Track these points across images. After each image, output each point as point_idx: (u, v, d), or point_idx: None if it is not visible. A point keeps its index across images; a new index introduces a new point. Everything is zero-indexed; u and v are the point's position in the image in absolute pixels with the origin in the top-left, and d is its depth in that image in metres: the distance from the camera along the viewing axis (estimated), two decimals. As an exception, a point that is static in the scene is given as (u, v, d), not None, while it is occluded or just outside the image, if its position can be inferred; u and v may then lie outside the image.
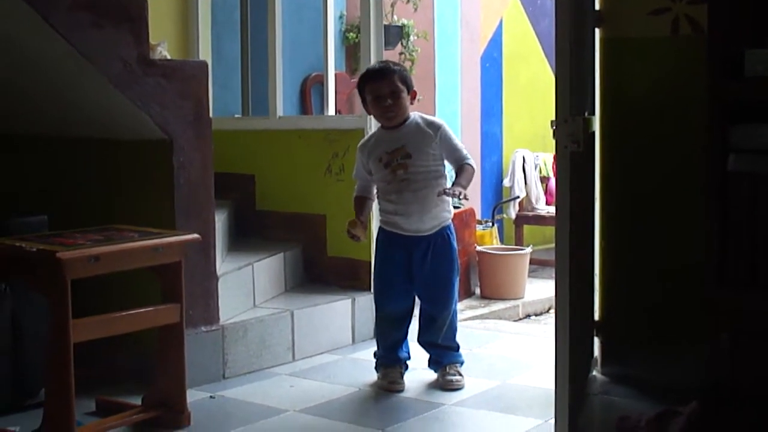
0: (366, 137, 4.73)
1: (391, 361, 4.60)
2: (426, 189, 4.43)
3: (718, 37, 3.35)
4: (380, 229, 4.62)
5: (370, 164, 4.52)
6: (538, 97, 9.25)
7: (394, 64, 4.62)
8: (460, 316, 6.52)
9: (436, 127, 4.46)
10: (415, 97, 4.54)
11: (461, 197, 4.37)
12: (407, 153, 4.41)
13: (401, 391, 4.51)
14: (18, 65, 4.35)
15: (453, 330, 4.62)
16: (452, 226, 4.58)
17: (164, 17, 6.28)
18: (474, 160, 4.49)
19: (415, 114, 4.51)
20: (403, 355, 4.63)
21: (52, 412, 3.60)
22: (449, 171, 4.52)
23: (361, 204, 4.63)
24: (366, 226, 4.60)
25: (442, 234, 4.53)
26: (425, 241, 4.49)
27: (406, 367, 4.64)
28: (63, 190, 4.85)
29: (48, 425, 3.60)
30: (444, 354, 4.62)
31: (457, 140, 4.55)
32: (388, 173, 4.45)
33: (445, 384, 4.51)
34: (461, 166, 4.45)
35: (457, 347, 4.65)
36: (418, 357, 4.69)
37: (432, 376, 4.66)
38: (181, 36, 6.50)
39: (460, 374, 4.56)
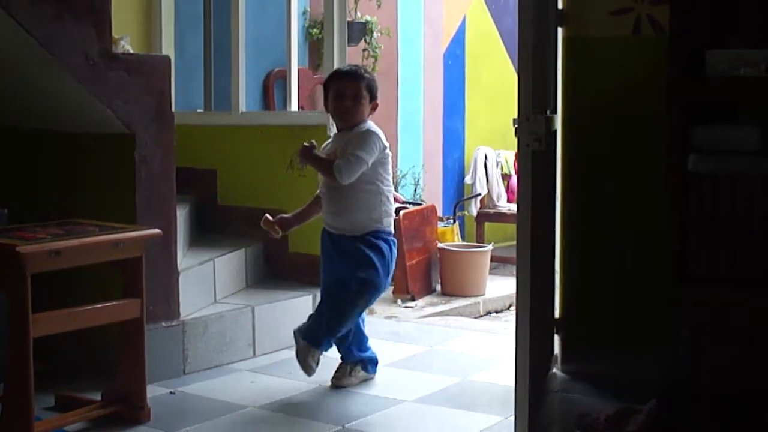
0: (328, 138, 4.73)
1: (339, 349, 4.67)
2: (347, 192, 4.42)
3: (679, 37, 3.37)
4: None
5: None
6: (500, 94, 9.28)
7: (366, 72, 4.60)
8: (420, 312, 6.56)
9: (367, 132, 4.44)
10: (375, 109, 4.55)
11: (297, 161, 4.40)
12: (337, 156, 4.42)
13: (337, 386, 4.57)
14: (-22, 57, 4.32)
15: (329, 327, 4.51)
16: (387, 234, 4.51)
17: (127, 11, 6.26)
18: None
19: (366, 123, 4.50)
20: (349, 345, 4.64)
21: (11, 406, 3.59)
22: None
23: (309, 203, 4.69)
24: (289, 224, 4.62)
25: (370, 237, 4.47)
26: (345, 240, 4.48)
27: (369, 369, 4.65)
28: (23, 183, 4.82)
29: (7, 419, 3.58)
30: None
31: (363, 146, 4.39)
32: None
33: (336, 382, 4.60)
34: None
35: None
36: (385, 354, 4.70)
37: (394, 373, 4.67)
38: (144, 30, 6.47)
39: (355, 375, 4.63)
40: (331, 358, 4.71)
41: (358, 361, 4.61)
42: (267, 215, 4.56)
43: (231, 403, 4.30)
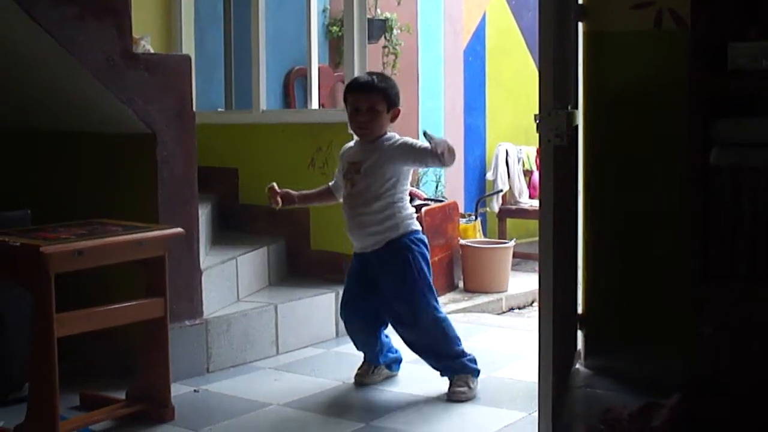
0: (350, 142, 4.64)
1: (364, 356, 4.63)
2: (361, 208, 4.35)
3: (701, 30, 3.36)
4: None
5: (341, 170, 4.52)
6: (521, 90, 9.26)
7: (381, 79, 4.43)
8: (443, 310, 6.54)
9: (399, 145, 4.33)
10: (397, 116, 4.40)
11: (432, 140, 4.15)
12: (359, 169, 4.36)
13: (359, 383, 4.54)
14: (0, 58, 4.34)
15: (445, 334, 4.42)
16: (407, 236, 4.37)
17: (147, 11, 6.27)
18: (456, 154, 4.40)
19: (391, 134, 4.39)
20: (375, 356, 4.60)
21: (36, 406, 3.60)
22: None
23: (318, 190, 4.66)
24: (292, 199, 4.54)
25: (390, 248, 4.36)
26: (373, 255, 4.40)
27: (392, 366, 4.64)
28: (46, 184, 4.84)
29: (32, 420, 3.59)
30: (443, 362, 4.45)
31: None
32: (345, 184, 4.45)
33: (450, 396, 4.34)
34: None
35: (459, 354, 4.42)
36: (408, 351, 4.69)
37: (417, 369, 4.67)
38: (164, 30, 6.49)
39: (469, 386, 4.37)
40: (354, 355, 4.71)
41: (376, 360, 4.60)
42: (274, 184, 4.52)
43: (255, 401, 4.31)
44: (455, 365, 4.39)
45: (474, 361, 4.43)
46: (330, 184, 4.62)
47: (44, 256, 3.47)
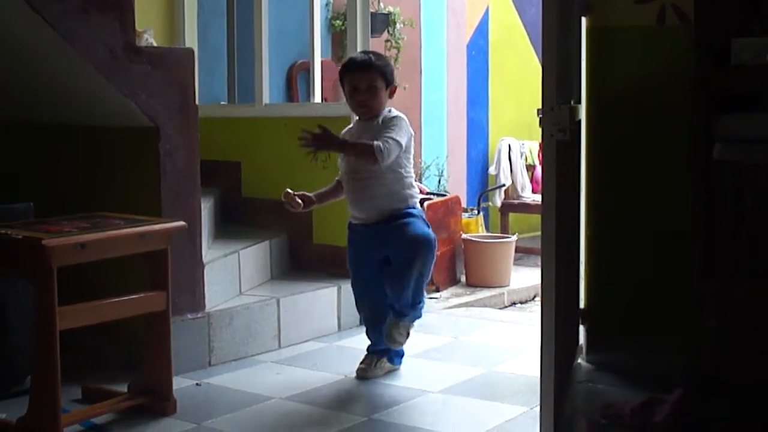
0: (349, 125, 4.72)
1: (369, 346, 4.65)
2: (369, 180, 4.40)
3: (704, 26, 3.35)
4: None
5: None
6: (524, 85, 9.26)
7: (377, 57, 4.55)
8: (445, 303, 6.55)
9: (395, 117, 4.43)
10: (394, 92, 4.52)
11: (310, 143, 4.29)
12: None
13: (361, 377, 4.56)
14: (2, 51, 4.33)
15: (422, 286, 4.51)
16: (411, 209, 4.47)
17: (150, 4, 6.28)
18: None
19: (390, 110, 4.48)
20: (376, 346, 4.62)
21: (38, 399, 3.61)
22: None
23: (331, 186, 4.68)
24: (311, 201, 4.56)
25: (396, 216, 4.44)
26: (376, 228, 4.46)
27: (394, 360, 4.65)
28: (49, 177, 4.84)
29: (34, 412, 3.60)
30: (407, 309, 4.52)
31: (397, 131, 4.37)
32: (345, 162, 4.51)
33: (386, 339, 4.52)
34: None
35: (420, 304, 4.55)
36: (410, 345, 4.70)
37: (419, 363, 4.67)
38: (167, 23, 6.49)
39: (408, 333, 4.56)
40: (357, 349, 4.72)
41: (385, 353, 4.61)
42: (288, 189, 4.53)
43: (257, 394, 4.32)
44: (413, 314, 4.52)
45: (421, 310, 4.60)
46: (337, 178, 4.64)
47: (46, 249, 3.47)
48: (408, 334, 4.55)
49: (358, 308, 4.71)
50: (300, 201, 4.50)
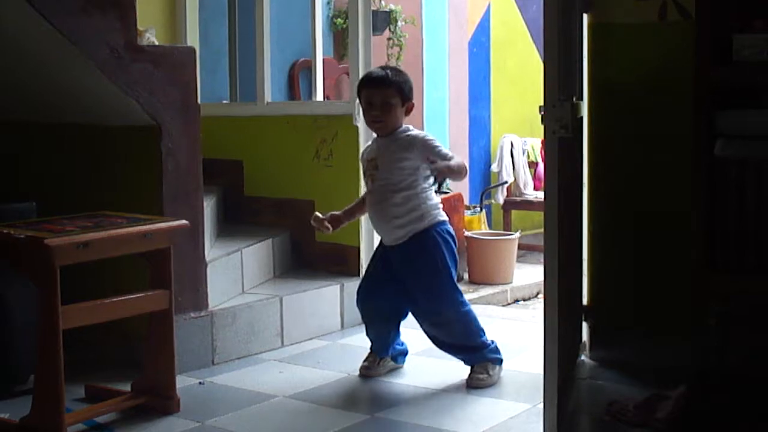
0: (368, 142, 4.62)
1: (372, 347, 4.63)
2: (384, 202, 4.35)
3: (705, 22, 3.36)
4: None
5: (363, 170, 4.53)
6: (526, 82, 9.25)
7: (395, 73, 4.44)
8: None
9: (414, 138, 4.33)
10: (411, 110, 4.41)
11: (439, 172, 4.19)
12: (376, 165, 4.36)
13: (365, 375, 4.54)
14: (4, 50, 4.33)
15: (469, 327, 4.42)
16: (433, 227, 4.36)
17: (152, 3, 6.27)
18: (461, 146, 4.44)
19: (405, 127, 4.39)
20: (383, 347, 4.60)
21: (41, 398, 3.60)
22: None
23: (357, 201, 4.66)
24: (339, 220, 4.52)
25: (417, 240, 4.35)
26: (398, 249, 4.39)
27: (397, 358, 4.64)
28: (51, 176, 4.84)
29: (37, 411, 3.60)
30: (465, 354, 4.46)
31: (440, 147, 4.32)
32: (367, 183, 4.47)
33: (469, 382, 4.37)
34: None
35: (482, 345, 4.42)
36: (413, 343, 4.69)
37: (422, 361, 4.67)
38: (168, 22, 6.48)
39: (488, 372, 4.39)
40: (360, 347, 4.72)
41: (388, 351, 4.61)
42: (317, 213, 4.51)
43: (260, 393, 4.31)
44: (477, 356, 4.41)
45: (496, 350, 4.45)
46: (363, 192, 4.63)
47: (49, 248, 3.47)
48: (489, 373, 4.39)
49: (359, 303, 4.64)
50: (329, 225, 4.49)
